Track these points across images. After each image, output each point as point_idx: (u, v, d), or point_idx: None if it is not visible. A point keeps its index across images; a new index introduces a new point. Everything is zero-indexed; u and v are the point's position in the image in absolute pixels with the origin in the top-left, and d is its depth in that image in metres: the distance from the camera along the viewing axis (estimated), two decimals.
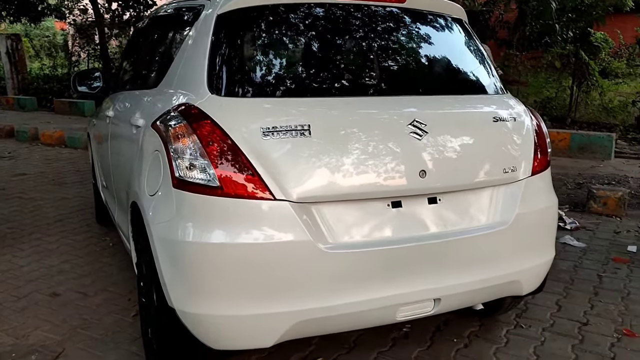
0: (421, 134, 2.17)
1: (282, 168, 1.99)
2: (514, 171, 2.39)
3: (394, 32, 2.49)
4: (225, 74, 2.17)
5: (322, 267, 2.02)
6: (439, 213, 2.26)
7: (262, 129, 2.00)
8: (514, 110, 2.54)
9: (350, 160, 2.08)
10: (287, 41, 2.34)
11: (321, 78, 2.28)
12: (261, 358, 2.64)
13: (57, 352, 2.70)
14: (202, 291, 1.99)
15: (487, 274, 2.33)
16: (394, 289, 2.15)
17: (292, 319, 2.03)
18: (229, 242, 1.95)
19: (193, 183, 1.99)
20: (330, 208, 2.07)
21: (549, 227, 2.57)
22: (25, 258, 3.93)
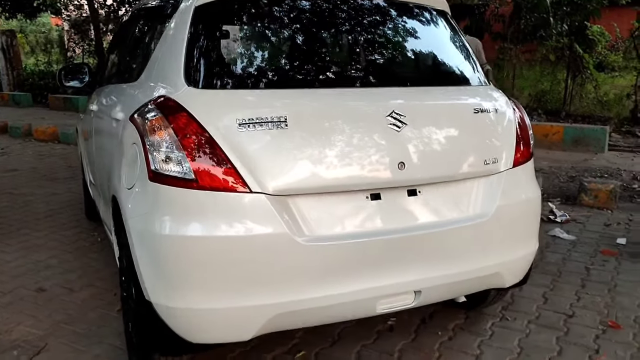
0: (400, 126, 2.16)
1: (258, 160, 1.97)
2: (495, 163, 2.38)
3: (374, 23, 2.48)
4: (202, 66, 2.16)
5: (300, 260, 2.01)
6: (419, 205, 2.25)
7: (238, 121, 1.99)
8: (495, 101, 2.52)
9: (328, 153, 2.06)
10: (265, 33, 2.32)
11: (299, 70, 2.26)
12: (244, 352, 2.64)
13: (39, 347, 2.69)
14: (178, 284, 1.98)
15: (468, 267, 2.32)
16: (373, 282, 2.14)
17: (270, 312, 2.02)
18: (204, 235, 1.94)
19: (169, 176, 1.97)
20: (308, 200, 2.06)
21: (532, 219, 2.56)
22: (13, 253, 3.92)
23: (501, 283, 2.50)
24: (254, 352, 2.64)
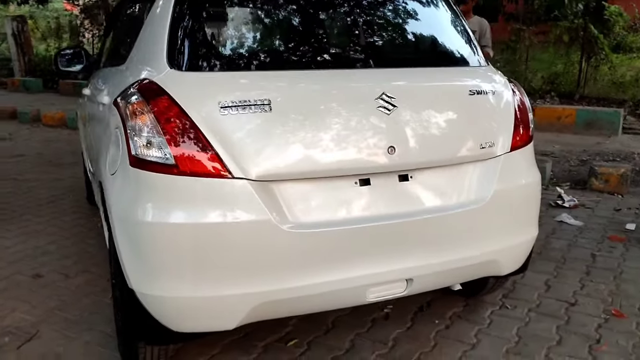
0: (390, 108, 2.08)
1: (240, 145, 1.91)
2: (491, 146, 2.29)
3: (363, 2, 2.38)
4: (185, 48, 2.09)
5: (285, 248, 1.95)
6: (411, 190, 2.18)
7: (220, 104, 1.92)
8: (493, 83, 2.43)
9: (314, 137, 1.99)
10: (250, 14, 2.25)
11: (285, 51, 2.19)
12: (237, 340, 2.60)
13: (31, 334, 2.67)
14: (160, 272, 1.93)
15: (463, 254, 2.25)
16: (362, 269, 2.08)
17: (254, 301, 1.97)
18: (184, 222, 1.88)
19: (149, 161, 1.91)
20: (293, 186, 1.99)
21: (530, 205, 2.47)
22: (12, 239, 3.91)
23: (498, 271, 2.43)
24: (246, 340, 2.60)
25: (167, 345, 2.20)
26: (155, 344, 2.16)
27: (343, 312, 2.84)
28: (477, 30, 5.06)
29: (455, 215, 2.21)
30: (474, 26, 5.09)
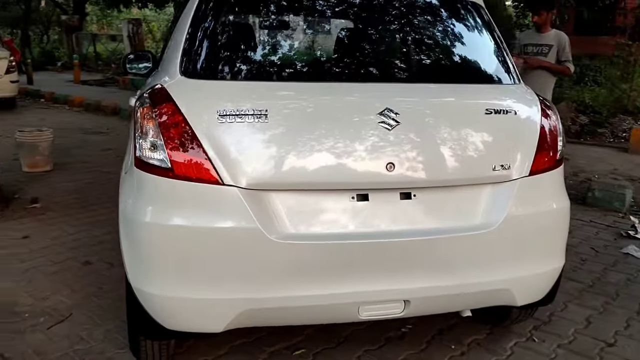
0: (392, 124, 2.03)
1: (233, 153, 1.95)
2: (505, 169, 2.17)
3: (376, 15, 2.34)
4: (195, 56, 2.17)
5: (272, 257, 1.97)
6: (413, 210, 2.11)
7: (218, 112, 1.97)
8: (517, 103, 2.30)
9: (309, 149, 1.99)
10: (258, 26, 2.29)
11: (290, 63, 2.21)
12: (246, 343, 2.64)
13: (64, 316, 2.87)
14: (153, 271, 2.02)
15: (468, 280, 2.15)
16: (354, 286, 2.05)
17: (240, 307, 2.00)
18: (175, 224, 1.95)
19: (149, 163, 2.00)
20: (285, 197, 2.00)
21: (552, 233, 2.32)
22: (76, 227, 4.22)
23: (512, 301, 2.29)
24: (256, 344, 2.63)
25: (161, 340, 2.27)
26: (151, 339, 2.25)
27: (359, 326, 2.81)
28: (554, 45, 4.80)
29: (460, 238, 2.12)
30: (552, 40, 4.83)
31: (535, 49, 4.88)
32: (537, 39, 4.91)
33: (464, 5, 2.51)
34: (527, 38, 5.06)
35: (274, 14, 2.31)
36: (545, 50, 4.83)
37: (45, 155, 5.97)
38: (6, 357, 2.50)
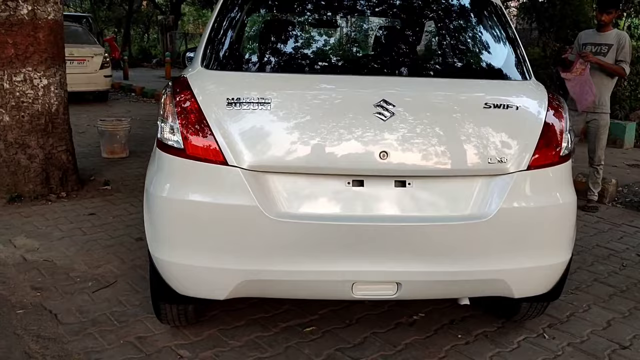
0: (387, 115, 2.15)
1: (238, 136, 2.15)
2: (501, 162, 2.23)
3: (378, 10, 2.46)
4: (213, 50, 2.40)
5: (269, 234, 2.15)
6: (407, 197, 2.22)
7: (227, 99, 2.18)
8: (521, 98, 2.35)
9: (307, 135, 2.15)
10: (265, 24, 2.47)
11: (293, 56, 2.38)
12: (264, 317, 2.84)
13: (109, 282, 3.21)
14: (166, 240, 2.26)
15: (459, 267, 2.23)
16: (347, 265, 2.19)
17: (239, 277, 2.20)
18: (183, 198, 2.19)
19: (167, 145, 2.25)
20: (283, 179, 2.18)
21: (553, 228, 2.34)
22: (138, 207, 4.59)
23: (509, 292, 2.35)
24: (271, 319, 2.83)
25: (177, 304, 2.51)
26: (168, 303, 2.50)
27: (372, 310, 2.94)
28: (614, 44, 4.65)
29: (452, 227, 2.21)
30: (612, 40, 4.69)
31: (594, 48, 4.75)
32: (597, 39, 4.78)
33: (487, 9, 2.57)
34: (586, 37, 4.93)
35: (278, 14, 2.50)
36: (604, 50, 4.69)
37: (122, 143, 6.49)
38: (53, 313, 2.85)
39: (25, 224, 4.13)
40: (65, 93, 5.00)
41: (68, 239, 3.85)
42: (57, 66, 4.86)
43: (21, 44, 4.59)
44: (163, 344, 2.60)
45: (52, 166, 4.86)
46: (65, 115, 5.00)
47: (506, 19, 2.58)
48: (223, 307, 2.88)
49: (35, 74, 4.69)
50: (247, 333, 2.71)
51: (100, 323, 2.76)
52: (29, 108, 4.69)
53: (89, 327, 2.72)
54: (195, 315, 2.68)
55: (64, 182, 4.97)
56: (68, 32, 11.52)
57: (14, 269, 3.36)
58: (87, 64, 10.84)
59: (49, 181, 4.85)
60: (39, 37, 4.65)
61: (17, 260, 3.49)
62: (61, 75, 4.92)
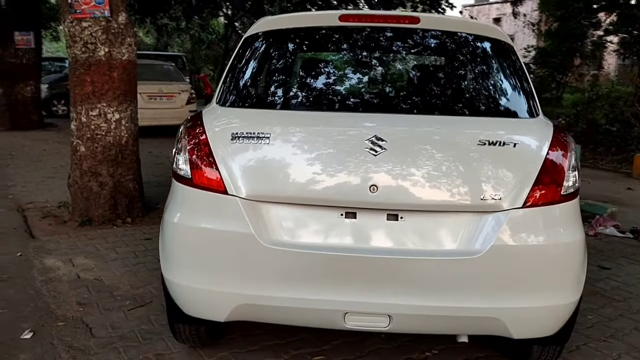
0: (378, 150, 2.23)
1: (238, 168, 2.30)
2: (495, 200, 2.22)
3: (378, 50, 2.55)
4: (227, 88, 2.61)
5: (262, 261, 2.26)
6: (398, 230, 2.27)
7: (232, 134, 2.36)
8: (522, 136, 2.34)
9: (303, 168, 2.27)
10: (271, 66, 2.63)
11: (293, 95, 2.52)
12: (278, 344, 2.94)
13: (145, 302, 3.44)
14: (173, 262, 2.44)
15: (450, 303, 2.24)
16: (339, 295, 2.26)
17: (235, 301, 2.32)
18: (188, 224, 2.37)
19: (178, 174, 2.45)
20: (279, 208, 2.30)
21: (553, 268, 2.29)
22: None
23: (506, 332, 2.31)
24: (284, 346, 2.92)
25: (187, 324, 2.65)
26: (179, 322, 2.66)
27: (385, 344, 2.95)
28: None
29: (443, 262, 2.22)
30: None
31: None
32: None
33: (476, 41, 2.61)
34: None
35: (282, 58, 2.67)
36: None
37: None
38: (89, 326, 3.11)
39: (87, 245, 4.51)
40: (136, 127, 5.43)
41: (120, 261, 4.16)
42: (129, 102, 5.31)
43: (98, 82, 5.08)
44: None
45: (119, 193, 5.27)
46: (134, 147, 5.42)
47: (514, 57, 2.59)
48: (241, 332, 3.01)
49: (108, 109, 5.15)
50: (258, 358, 2.82)
51: (127, 339, 2.98)
52: (102, 140, 5.15)
53: (116, 342, 2.94)
54: (208, 337, 2.82)
55: (130, 208, 5.36)
56: (161, 70, 12.51)
57: (66, 285, 3.69)
58: (175, 99, 11.61)
59: (116, 207, 5.26)
60: (114, 76, 5.13)
61: (72, 278, 3.82)
62: (132, 110, 5.36)
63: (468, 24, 2.63)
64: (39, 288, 3.63)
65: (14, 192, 6.37)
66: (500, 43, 2.61)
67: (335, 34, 2.62)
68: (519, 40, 26.45)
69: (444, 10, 16.68)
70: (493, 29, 2.63)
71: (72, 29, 5.02)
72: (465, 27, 2.60)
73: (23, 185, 6.70)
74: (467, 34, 2.59)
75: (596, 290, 3.83)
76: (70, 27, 5.03)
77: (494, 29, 2.63)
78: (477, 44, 2.61)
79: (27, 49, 12.06)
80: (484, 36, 2.61)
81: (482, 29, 2.62)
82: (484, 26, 2.64)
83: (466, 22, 2.66)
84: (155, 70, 11.90)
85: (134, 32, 5.37)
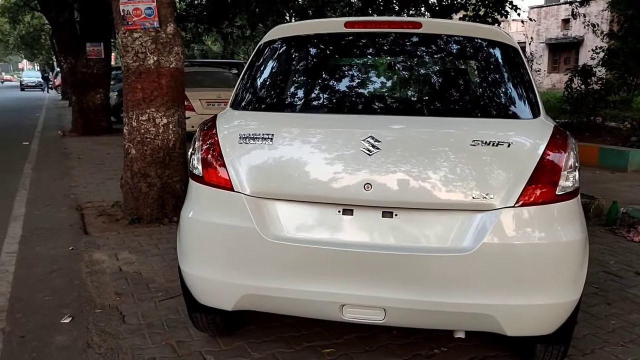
0: (372, 150, 2.33)
1: (244, 166, 2.47)
2: (486, 198, 2.28)
3: (376, 54, 2.64)
4: (239, 92, 2.78)
5: (264, 253, 2.41)
6: (392, 227, 2.36)
7: (240, 135, 2.53)
8: (517, 136, 2.38)
9: (303, 167, 2.42)
10: (275, 71, 2.78)
11: (296, 98, 2.65)
12: (293, 336, 3.08)
13: (176, 294, 3.66)
14: (187, 253, 2.63)
15: (443, 299, 2.30)
16: (336, 288, 2.37)
17: (240, 291, 2.48)
18: (198, 218, 2.56)
19: (193, 173, 2.64)
20: (281, 205, 2.44)
21: (549, 266, 2.31)
22: None
23: (499, 329, 2.35)
24: (298, 339, 3.06)
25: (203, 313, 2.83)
26: (194, 311, 2.85)
27: (396, 340, 3.03)
28: None
29: (435, 259, 2.30)
30: None
31: None
32: None
33: (477, 44, 2.66)
34: None
35: (287, 65, 2.82)
36: None
37: None
38: (122, 314, 3.36)
39: (133, 242, 4.82)
40: (183, 130, 5.73)
41: (160, 257, 4.43)
42: (176, 107, 5.61)
43: (147, 89, 5.41)
44: (195, 349, 2.95)
45: (167, 194, 5.58)
46: (182, 149, 5.72)
47: (517, 59, 2.62)
48: (260, 324, 3.18)
49: (157, 114, 5.47)
50: (271, 348, 2.97)
51: (153, 326, 3.21)
52: (151, 143, 5.47)
53: (144, 329, 3.18)
54: (225, 326, 2.99)
55: (177, 208, 5.63)
56: (220, 77, 12.96)
57: (108, 277, 3.98)
58: None
59: (163, 206, 5.57)
60: (162, 83, 5.44)
61: (114, 270, 4.12)
62: (179, 115, 5.66)
63: (470, 28, 2.68)
64: (84, 279, 3.94)
65: (76, 192, 6.84)
66: (503, 46, 2.65)
67: (340, 40, 2.75)
68: (589, 41, 25.46)
69: (507, 13, 16.31)
70: (496, 32, 2.67)
71: (125, 39, 5.37)
72: (467, 30, 2.66)
73: (85, 186, 7.18)
74: (469, 38, 2.65)
75: (627, 297, 3.74)
76: (123, 38, 5.39)
77: (497, 32, 2.68)
78: (478, 47, 2.66)
79: (97, 59, 12.79)
80: (486, 39, 2.65)
81: (484, 33, 2.66)
82: (487, 29, 2.68)
83: (468, 26, 2.72)
84: (214, 77, 12.35)
85: (182, 42, 5.66)
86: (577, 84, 12.61)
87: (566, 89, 12.80)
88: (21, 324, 3.24)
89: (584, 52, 28.36)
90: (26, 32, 35.49)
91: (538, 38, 31.63)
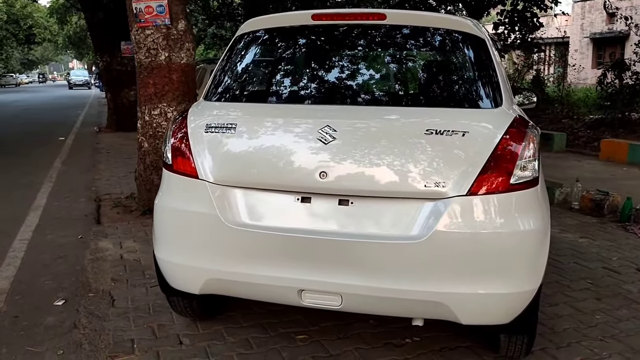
0: (328, 139, 2.38)
1: (208, 155, 2.55)
2: (438, 187, 2.29)
3: (346, 45, 2.68)
4: (213, 83, 2.86)
5: (225, 239, 2.49)
6: (346, 214, 2.40)
7: (206, 125, 2.61)
8: (473, 124, 2.38)
9: (263, 155, 2.49)
10: (253, 57, 2.85)
11: (264, 88, 2.72)
12: (272, 323, 3.15)
13: None
14: (158, 239, 2.74)
15: (395, 286, 2.33)
16: (293, 273, 2.43)
17: (204, 275, 2.56)
18: (167, 205, 2.66)
19: (164, 162, 2.75)
20: (242, 192, 2.51)
21: (503, 255, 2.31)
22: None
23: (453, 317, 2.37)
24: (275, 325, 3.13)
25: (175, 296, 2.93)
26: (168, 294, 2.95)
27: (370, 329, 3.07)
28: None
29: (387, 246, 2.33)
30: None
31: None
32: None
33: (440, 35, 2.66)
34: None
35: (255, 57, 2.89)
36: None
37: None
38: (113, 298, 3.51)
39: (139, 231, 4.99)
40: None
41: None
42: (187, 102, 5.73)
43: (159, 84, 5.57)
44: (174, 332, 3.06)
45: None
46: None
47: (483, 49, 2.61)
48: (242, 310, 3.27)
49: (168, 108, 5.62)
50: (247, 333, 3.05)
51: (139, 310, 3.34)
52: (162, 136, 5.63)
53: (130, 312, 3.31)
54: (203, 311, 3.09)
55: None
56: None
57: (108, 264, 4.14)
58: None
59: None
60: (173, 78, 5.59)
61: (115, 258, 4.28)
62: None
63: (435, 19, 2.69)
64: (85, 265, 4.11)
65: (98, 185, 7.10)
66: (467, 36, 2.65)
67: (307, 32, 2.80)
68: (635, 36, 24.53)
69: (547, 7, 15.87)
70: (461, 23, 2.66)
71: (138, 36, 5.54)
72: (432, 22, 2.66)
73: (107, 179, 7.44)
74: (433, 29, 2.66)
75: (620, 292, 3.66)
76: (136, 35, 5.56)
77: (462, 22, 2.67)
78: (441, 38, 2.67)
79: (131, 57, 13.08)
80: (450, 30, 2.65)
81: (449, 23, 2.67)
82: (452, 20, 2.69)
83: (433, 17, 2.72)
84: None
85: (193, 38, 5.80)
86: (611, 79, 12.22)
87: (599, 84, 12.41)
88: (17, 305, 3.43)
89: (629, 47, 27.42)
90: (73, 33, 36.67)
91: (582, 32, 30.63)
